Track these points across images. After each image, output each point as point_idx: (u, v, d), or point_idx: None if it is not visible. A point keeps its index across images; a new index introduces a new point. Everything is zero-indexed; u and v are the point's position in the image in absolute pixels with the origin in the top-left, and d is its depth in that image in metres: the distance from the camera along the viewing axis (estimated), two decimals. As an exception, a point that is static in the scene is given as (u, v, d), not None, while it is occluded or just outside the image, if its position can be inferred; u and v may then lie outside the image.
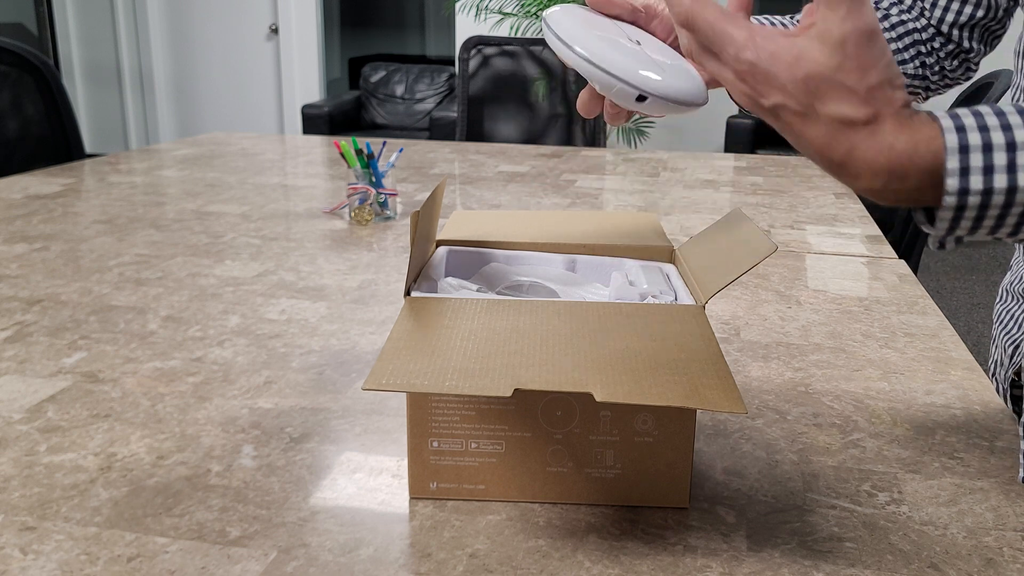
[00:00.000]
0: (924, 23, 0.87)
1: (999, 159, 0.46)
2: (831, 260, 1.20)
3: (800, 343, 0.89)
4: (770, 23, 0.82)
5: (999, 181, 0.46)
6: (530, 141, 2.61)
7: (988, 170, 0.46)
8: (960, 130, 0.46)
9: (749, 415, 0.73)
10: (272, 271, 1.11)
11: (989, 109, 0.47)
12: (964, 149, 0.46)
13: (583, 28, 0.57)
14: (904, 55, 0.85)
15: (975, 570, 0.53)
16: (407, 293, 0.63)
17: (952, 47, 0.86)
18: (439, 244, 0.74)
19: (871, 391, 0.78)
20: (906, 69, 0.85)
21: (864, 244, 1.29)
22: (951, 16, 0.84)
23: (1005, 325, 0.92)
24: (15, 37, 5.75)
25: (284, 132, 6.04)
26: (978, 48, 0.87)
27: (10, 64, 1.86)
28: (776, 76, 0.47)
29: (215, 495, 0.60)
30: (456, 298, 0.61)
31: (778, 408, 0.74)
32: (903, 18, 0.86)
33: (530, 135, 2.61)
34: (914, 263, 1.80)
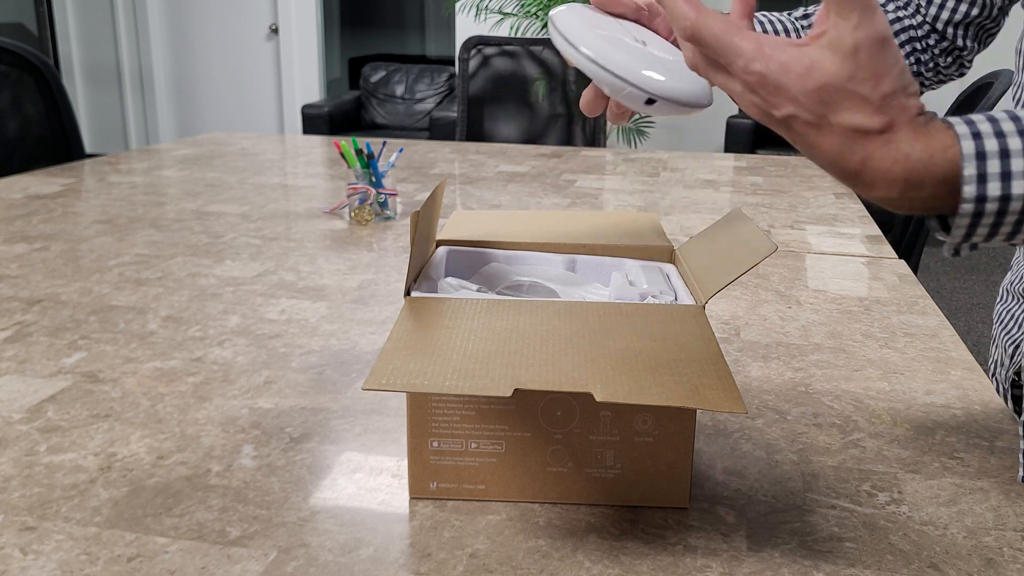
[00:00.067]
0: (920, 20, 0.87)
1: (1017, 165, 0.45)
2: (831, 260, 1.20)
3: (800, 343, 0.89)
4: (769, 22, 0.82)
5: (1017, 187, 0.45)
6: (530, 141, 2.61)
7: (1006, 176, 0.45)
8: (976, 136, 0.46)
9: (749, 415, 0.73)
10: (272, 271, 1.11)
11: (1004, 115, 0.46)
12: (981, 155, 0.45)
13: (591, 29, 0.57)
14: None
15: (975, 570, 0.53)
16: (407, 293, 0.63)
17: (946, 44, 0.87)
18: (439, 244, 0.74)
19: (871, 391, 0.78)
20: None
21: (864, 244, 1.29)
22: (946, 14, 0.85)
23: (1005, 325, 0.92)
24: (15, 37, 5.76)
25: (284, 132, 6.04)
26: (971, 46, 0.87)
27: (10, 64, 1.86)
28: (787, 87, 0.46)
29: (215, 495, 0.60)
30: (456, 298, 0.61)
31: (778, 408, 0.74)
32: (899, 15, 0.87)
33: (530, 135, 2.61)
34: (914, 263, 1.80)
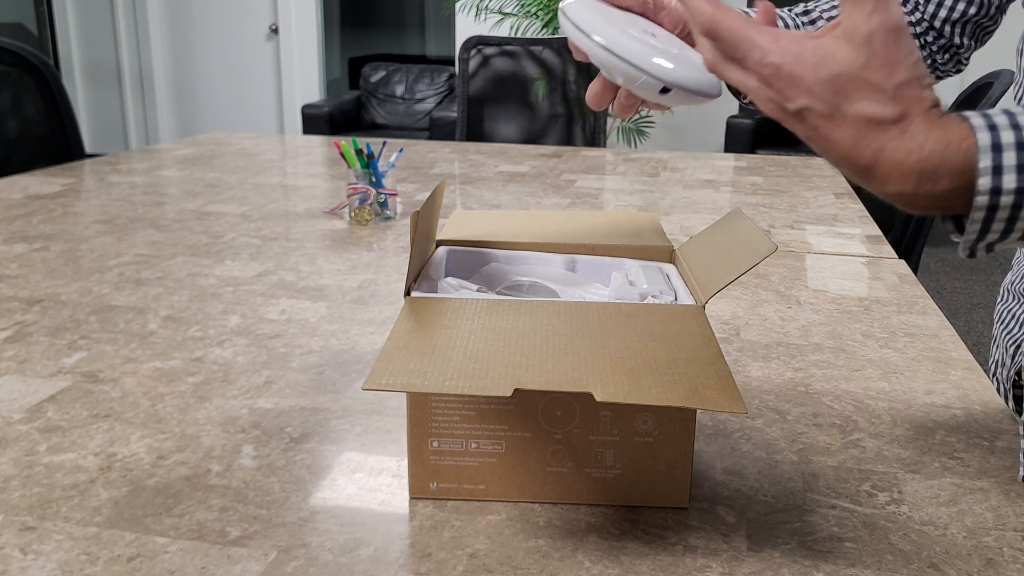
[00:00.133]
0: (918, 17, 0.87)
1: None
2: (831, 260, 1.20)
3: (800, 343, 0.89)
4: (783, 21, 0.82)
5: None
6: (530, 141, 2.61)
7: (1022, 168, 0.44)
8: (992, 128, 0.45)
9: (749, 415, 0.73)
10: (272, 271, 1.11)
11: (1021, 109, 0.46)
12: (997, 147, 0.44)
13: (604, 21, 0.58)
14: None
15: (975, 570, 0.53)
16: (407, 293, 0.63)
17: (944, 42, 0.87)
18: (439, 244, 0.74)
19: (871, 391, 0.78)
20: None
21: (864, 244, 1.29)
22: (944, 12, 0.85)
23: (1006, 324, 0.92)
24: (15, 37, 5.75)
25: (284, 132, 6.04)
26: (969, 44, 0.87)
27: (10, 64, 1.86)
28: (802, 78, 0.46)
29: (215, 495, 0.59)
30: (456, 298, 0.61)
31: (778, 408, 0.74)
32: None
33: (530, 135, 2.61)
34: (914, 263, 1.80)
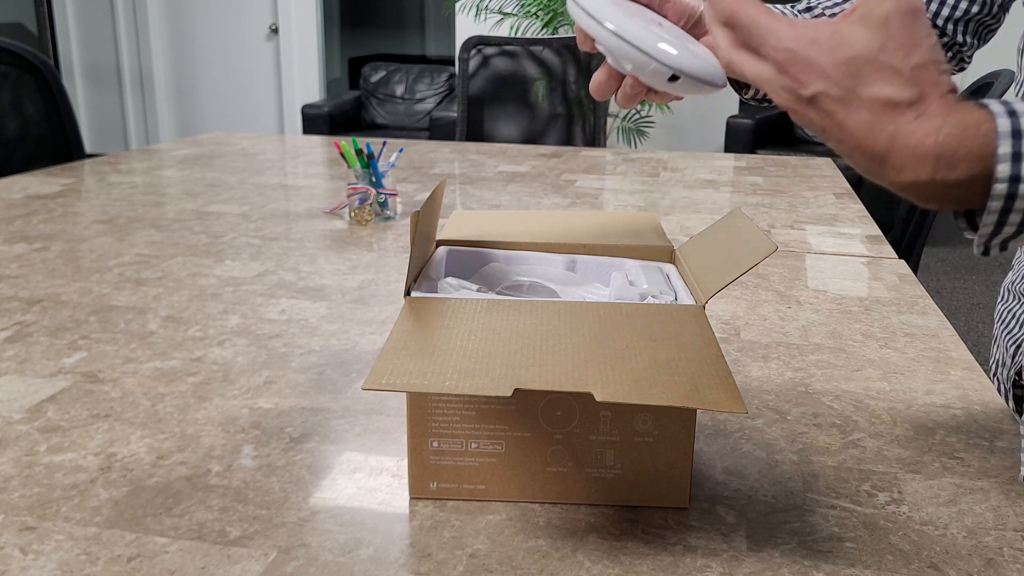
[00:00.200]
0: None
1: None
2: (831, 260, 1.20)
3: (800, 343, 0.89)
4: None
5: None
6: (530, 141, 2.61)
7: None
8: (1012, 115, 0.44)
9: (749, 415, 0.73)
10: (272, 271, 1.11)
11: None
12: (1017, 134, 0.43)
13: (614, 8, 0.58)
14: None
15: (975, 570, 0.53)
16: (407, 293, 0.63)
17: (946, 40, 0.87)
18: (439, 244, 0.74)
19: (871, 391, 0.78)
20: None
21: (864, 244, 1.29)
22: (946, 11, 0.85)
23: (1007, 324, 0.92)
24: (15, 37, 5.75)
25: (284, 132, 6.04)
26: (971, 42, 0.87)
27: (10, 64, 1.86)
28: (817, 62, 0.45)
29: (215, 495, 0.59)
30: (456, 298, 0.61)
31: (778, 408, 0.74)
32: None
33: (530, 135, 2.61)
34: (914, 263, 1.80)
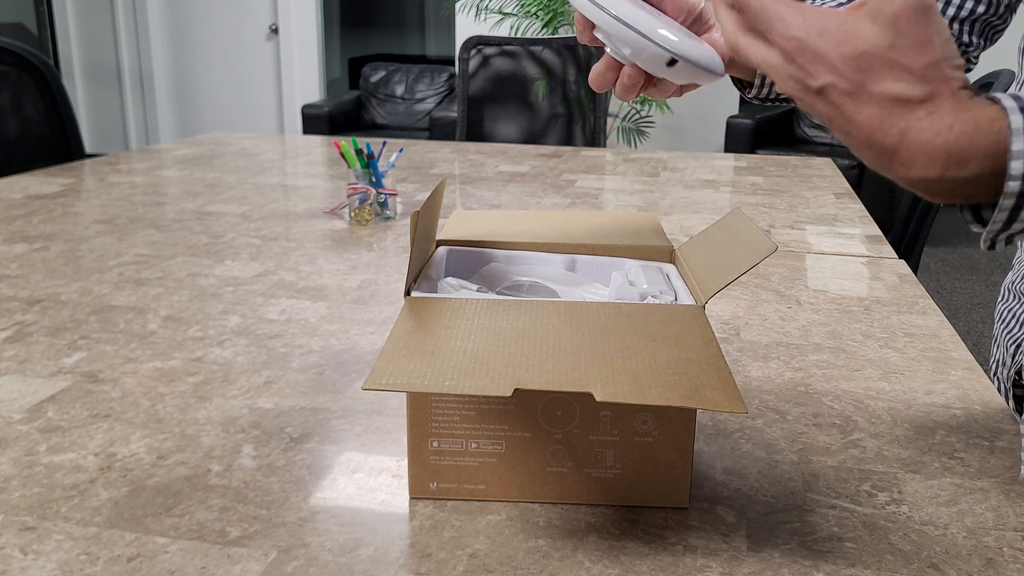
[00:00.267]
0: None
1: None
2: (831, 260, 1.20)
3: (800, 343, 0.89)
4: None
5: None
6: (530, 141, 2.61)
7: None
8: None
9: (749, 415, 0.73)
10: (272, 271, 1.11)
11: None
12: None
13: None
14: None
15: (975, 570, 0.53)
16: (407, 293, 0.63)
17: (952, 39, 0.86)
18: (439, 244, 0.74)
19: (871, 391, 0.78)
20: None
21: (864, 244, 1.29)
22: (952, 10, 0.84)
23: (1007, 324, 0.92)
24: (15, 37, 5.76)
25: (284, 132, 6.04)
26: (978, 42, 0.86)
27: (10, 64, 1.86)
28: (825, 54, 0.45)
29: (215, 495, 0.59)
30: (456, 298, 0.61)
31: (778, 408, 0.74)
32: None
33: (530, 135, 2.61)
34: (914, 263, 1.80)
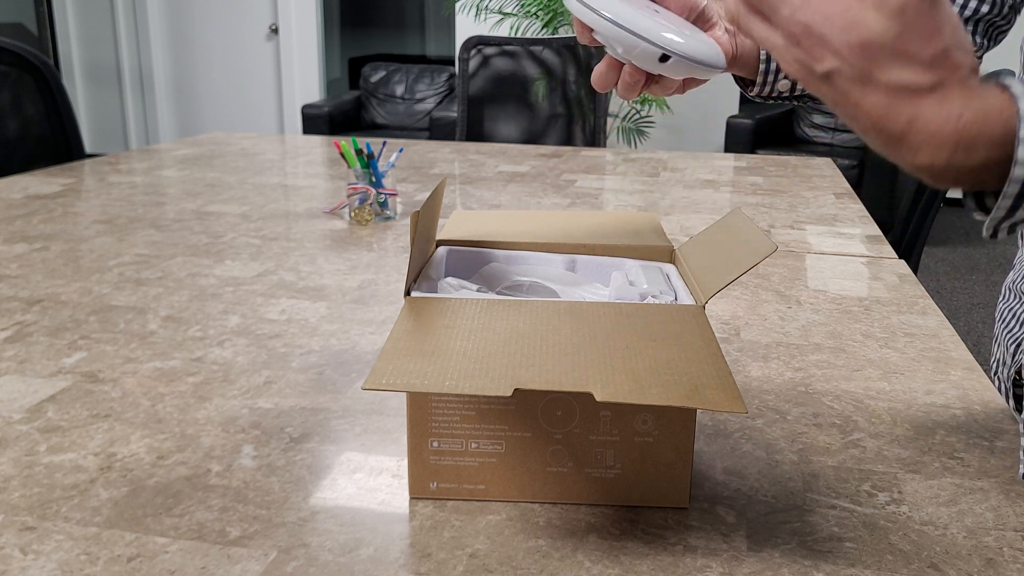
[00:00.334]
0: None
1: None
2: (831, 260, 1.20)
3: (800, 343, 0.89)
4: None
5: None
6: (530, 141, 2.61)
7: None
8: None
9: (749, 415, 0.73)
10: (272, 271, 1.11)
11: None
12: None
13: None
14: None
15: (975, 570, 0.53)
16: (407, 293, 0.63)
17: None
18: (439, 244, 0.74)
19: (871, 391, 0.78)
20: None
21: (864, 244, 1.29)
22: (955, 9, 0.84)
23: (1007, 323, 0.92)
24: (15, 37, 5.75)
25: (284, 132, 6.04)
26: (982, 43, 0.86)
27: (10, 64, 1.86)
28: (830, 40, 0.44)
29: (215, 495, 0.59)
30: (456, 298, 0.61)
31: (778, 408, 0.74)
32: None
33: (530, 135, 2.61)
34: (914, 263, 1.80)
